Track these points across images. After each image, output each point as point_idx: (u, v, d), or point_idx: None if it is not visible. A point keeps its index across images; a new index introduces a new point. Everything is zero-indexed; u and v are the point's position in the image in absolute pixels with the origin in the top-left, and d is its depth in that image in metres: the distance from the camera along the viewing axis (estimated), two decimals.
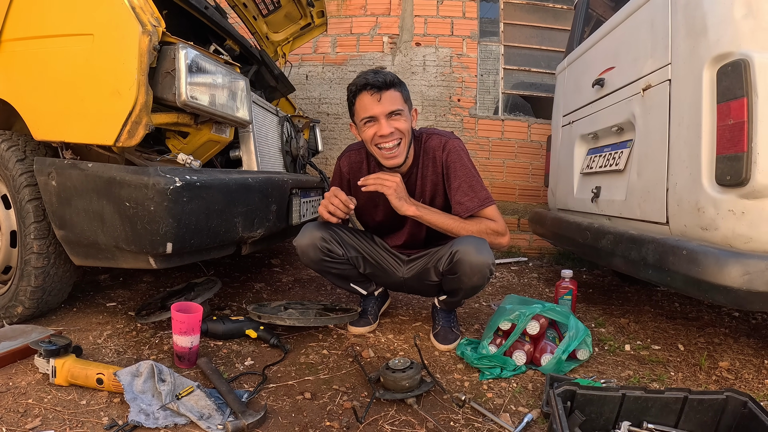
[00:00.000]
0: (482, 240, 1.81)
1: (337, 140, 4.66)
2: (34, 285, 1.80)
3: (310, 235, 1.92)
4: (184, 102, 1.63)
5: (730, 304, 1.54)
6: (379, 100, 1.77)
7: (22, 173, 1.78)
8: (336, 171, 2.13)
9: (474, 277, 1.79)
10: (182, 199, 1.55)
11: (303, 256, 1.95)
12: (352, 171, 2.07)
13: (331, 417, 1.39)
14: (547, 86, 4.61)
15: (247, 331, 1.90)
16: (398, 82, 1.81)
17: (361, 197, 1.96)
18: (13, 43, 1.76)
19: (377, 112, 1.78)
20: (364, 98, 1.79)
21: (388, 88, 1.77)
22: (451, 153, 1.92)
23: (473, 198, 1.90)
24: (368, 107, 1.79)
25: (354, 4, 4.65)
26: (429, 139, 1.96)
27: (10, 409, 1.31)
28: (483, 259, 1.76)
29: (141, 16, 1.55)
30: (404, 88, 1.85)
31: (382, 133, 1.80)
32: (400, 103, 1.80)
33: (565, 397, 1.29)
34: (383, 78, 1.76)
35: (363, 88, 1.79)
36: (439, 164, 1.94)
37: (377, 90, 1.76)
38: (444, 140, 1.94)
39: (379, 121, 1.80)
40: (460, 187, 1.90)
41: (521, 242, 4.55)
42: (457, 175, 1.91)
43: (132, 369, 1.43)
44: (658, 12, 2.02)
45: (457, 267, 1.79)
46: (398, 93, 1.80)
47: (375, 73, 1.78)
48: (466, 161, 1.93)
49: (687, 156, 1.78)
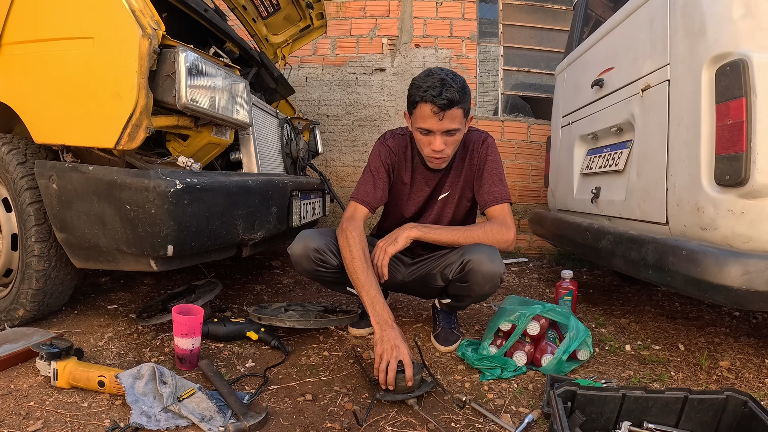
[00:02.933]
0: (493, 249, 1.81)
1: (337, 142, 4.67)
2: (36, 288, 1.81)
3: (303, 245, 1.90)
4: (184, 105, 1.63)
5: (730, 304, 1.54)
6: (440, 119, 1.73)
7: (23, 176, 1.79)
8: (382, 152, 2.02)
9: (486, 286, 1.80)
10: (183, 201, 1.56)
11: (296, 265, 1.95)
12: (399, 154, 2.02)
13: (332, 418, 1.39)
14: (546, 87, 4.62)
15: (248, 333, 1.91)
16: (461, 99, 1.72)
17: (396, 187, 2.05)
18: (14, 47, 1.77)
19: (435, 128, 1.76)
20: (425, 110, 1.74)
21: (451, 107, 1.71)
22: (490, 147, 1.99)
23: (502, 190, 1.94)
24: (428, 121, 1.75)
25: (353, 6, 4.65)
26: (470, 134, 2.01)
27: (12, 412, 1.31)
28: (495, 269, 1.76)
29: (141, 20, 1.55)
30: (466, 101, 1.77)
31: (435, 148, 1.80)
32: (458, 121, 1.76)
33: (565, 398, 1.29)
34: (449, 97, 1.69)
35: (428, 101, 1.71)
36: (476, 156, 1.99)
37: (441, 109, 1.70)
38: (484, 136, 2.01)
39: (435, 136, 1.78)
40: (492, 178, 1.96)
41: (522, 243, 4.55)
42: (490, 167, 1.97)
43: (133, 371, 1.43)
44: (657, 12, 2.02)
45: (468, 276, 1.79)
46: (460, 110, 1.74)
47: (443, 87, 1.69)
48: (498, 157, 2.00)
49: (686, 156, 1.78)
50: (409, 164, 2.02)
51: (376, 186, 1.98)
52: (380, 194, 1.98)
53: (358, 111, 4.63)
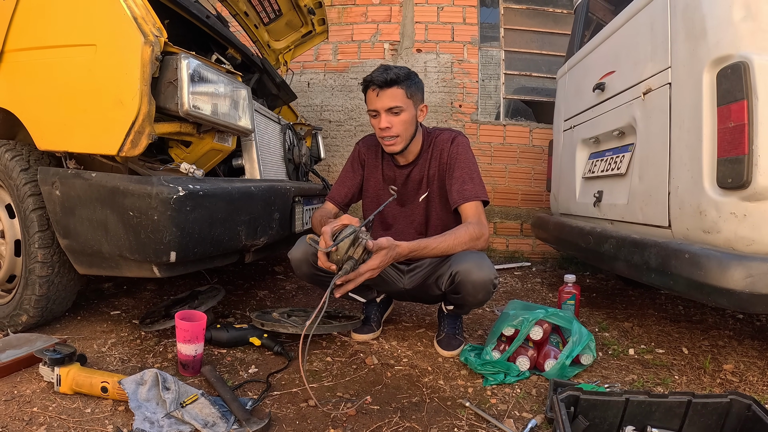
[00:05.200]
0: (481, 255, 1.82)
1: (339, 147, 4.68)
2: (39, 294, 1.81)
3: (303, 250, 1.92)
4: (186, 111, 1.64)
5: (734, 307, 1.54)
6: (379, 96, 1.90)
7: (26, 183, 1.79)
8: (354, 152, 2.24)
9: (479, 294, 1.80)
10: (185, 208, 1.56)
11: (296, 269, 1.97)
12: (369, 152, 2.19)
13: (335, 424, 1.39)
14: (548, 91, 4.62)
15: (251, 338, 1.91)
16: (402, 80, 1.89)
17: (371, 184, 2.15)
18: (17, 54, 1.78)
19: (378, 107, 1.92)
20: (369, 93, 1.94)
21: (390, 86, 1.88)
22: (459, 146, 2.03)
23: (473, 188, 1.95)
24: (371, 102, 1.94)
25: (355, 12, 4.67)
26: (441, 134, 2.08)
27: (15, 417, 1.32)
28: (484, 276, 1.76)
29: (143, 27, 1.56)
30: (409, 86, 1.91)
31: (380, 126, 1.94)
32: (400, 99, 1.90)
33: (568, 402, 1.29)
34: (386, 76, 1.87)
35: (368, 84, 1.93)
36: (445, 155, 2.03)
37: (378, 87, 1.89)
38: (453, 135, 2.06)
39: (379, 115, 1.93)
40: (462, 176, 1.97)
41: (524, 247, 4.54)
42: (460, 166, 1.99)
43: (136, 377, 1.43)
44: (658, 15, 2.03)
45: (459, 287, 1.80)
46: (401, 90, 1.89)
47: (384, 71, 1.89)
48: (470, 156, 2.03)
49: (688, 159, 1.78)
50: (379, 162, 2.16)
51: (344, 184, 2.19)
52: (345, 190, 2.18)
53: (360, 116, 4.64)
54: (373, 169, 2.16)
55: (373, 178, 2.16)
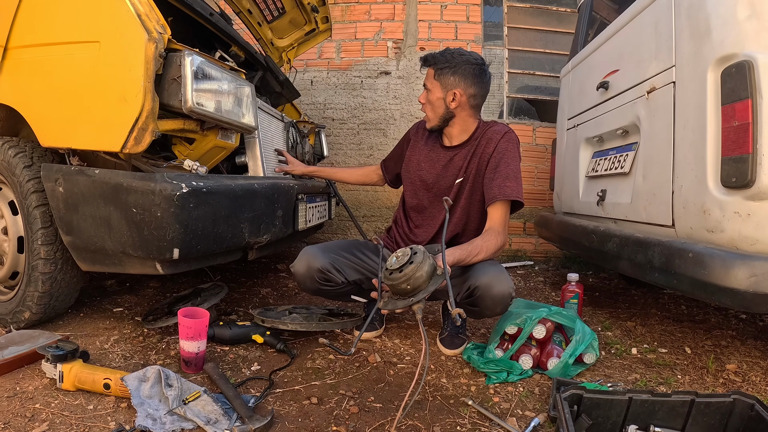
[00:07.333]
0: (500, 268, 1.81)
1: (342, 145, 4.67)
2: (42, 290, 1.82)
3: (306, 266, 1.92)
4: (190, 108, 1.64)
5: (737, 307, 1.53)
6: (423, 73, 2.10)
7: (30, 179, 1.80)
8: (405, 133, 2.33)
9: (497, 308, 1.78)
10: (189, 205, 1.56)
11: (300, 284, 1.98)
12: (418, 132, 2.25)
13: (338, 422, 1.39)
14: (551, 89, 4.61)
15: (254, 336, 1.91)
16: (434, 62, 2.01)
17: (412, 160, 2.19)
18: (20, 51, 1.78)
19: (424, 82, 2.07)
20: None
21: (425, 65, 2.05)
22: (510, 142, 2.00)
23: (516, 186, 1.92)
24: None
25: (358, 10, 4.66)
26: (494, 126, 2.06)
27: (18, 414, 1.32)
28: (504, 290, 1.74)
29: (147, 24, 1.56)
30: (441, 67, 1.99)
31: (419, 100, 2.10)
32: (428, 79, 2.03)
33: (571, 401, 1.29)
34: (425, 57, 2.04)
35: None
36: (492, 146, 1.99)
37: (421, 64, 2.07)
38: (507, 129, 2.04)
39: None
40: (507, 172, 1.93)
41: (527, 246, 4.53)
42: (506, 162, 1.96)
43: (139, 374, 1.44)
44: (662, 14, 2.02)
45: (478, 301, 1.77)
46: (431, 71, 2.02)
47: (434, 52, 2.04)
48: (517, 155, 2.01)
49: (692, 158, 1.77)
50: (424, 140, 2.19)
51: (394, 154, 2.35)
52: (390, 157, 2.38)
53: (364, 114, 4.64)
54: (417, 146, 2.20)
55: (416, 155, 2.18)
